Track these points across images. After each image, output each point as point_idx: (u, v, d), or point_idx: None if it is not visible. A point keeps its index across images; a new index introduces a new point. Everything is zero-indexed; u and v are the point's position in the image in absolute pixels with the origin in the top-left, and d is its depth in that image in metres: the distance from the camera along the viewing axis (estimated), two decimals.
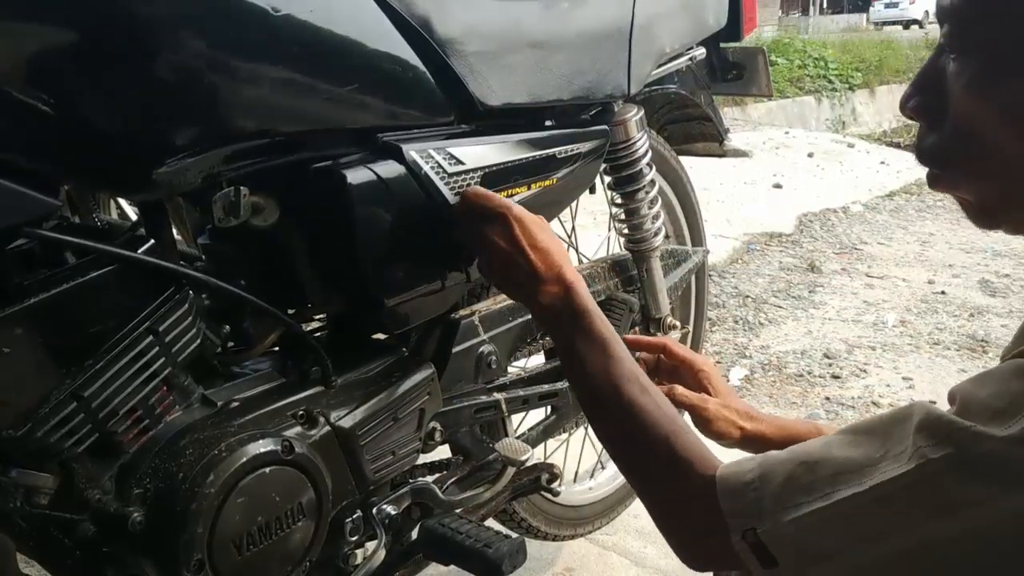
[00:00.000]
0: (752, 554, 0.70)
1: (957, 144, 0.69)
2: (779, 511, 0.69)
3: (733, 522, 0.71)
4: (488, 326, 1.28)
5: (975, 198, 0.71)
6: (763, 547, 0.69)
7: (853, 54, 10.56)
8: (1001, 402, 0.61)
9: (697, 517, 0.76)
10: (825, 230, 4.82)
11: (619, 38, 1.35)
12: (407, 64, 1.03)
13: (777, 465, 0.72)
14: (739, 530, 0.71)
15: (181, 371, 0.92)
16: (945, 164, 0.71)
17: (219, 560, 0.87)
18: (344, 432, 1.02)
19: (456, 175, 1.08)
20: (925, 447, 0.63)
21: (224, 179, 0.92)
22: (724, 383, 1.09)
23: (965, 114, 0.68)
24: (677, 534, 0.80)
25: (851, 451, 0.68)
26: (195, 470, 0.86)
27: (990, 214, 0.72)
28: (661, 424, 0.82)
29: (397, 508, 1.13)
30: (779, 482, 0.70)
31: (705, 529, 0.75)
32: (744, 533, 0.70)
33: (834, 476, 0.67)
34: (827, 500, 0.66)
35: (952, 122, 0.69)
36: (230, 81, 0.86)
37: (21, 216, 0.76)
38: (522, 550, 1.09)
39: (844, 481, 0.66)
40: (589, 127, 1.33)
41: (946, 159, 0.71)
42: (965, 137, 0.68)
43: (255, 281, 1.03)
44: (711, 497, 0.73)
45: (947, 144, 0.70)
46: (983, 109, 0.66)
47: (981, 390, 0.64)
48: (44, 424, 0.80)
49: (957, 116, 0.68)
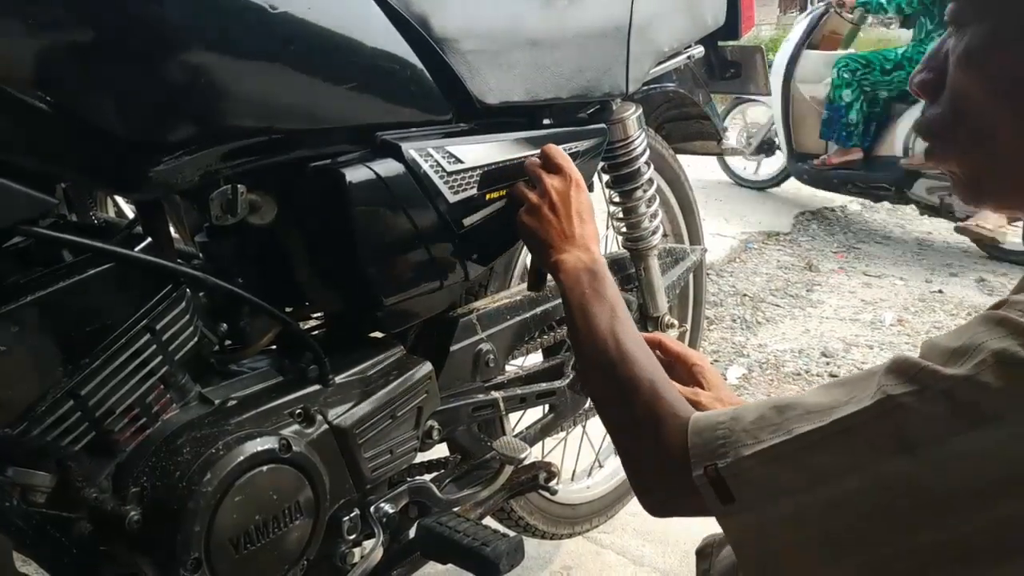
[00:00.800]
0: (712, 489, 0.71)
1: (948, 116, 0.71)
2: (741, 447, 0.70)
3: (697, 458, 0.72)
4: (486, 324, 1.28)
5: (962, 171, 0.73)
6: (723, 483, 0.70)
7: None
8: (958, 343, 0.62)
9: (665, 457, 0.78)
10: (823, 229, 4.82)
11: (617, 36, 1.35)
12: (405, 62, 1.03)
13: (750, 409, 0.73)
14: (701, 465, 0.72)
15: (178, 369, 0.92)
16: (937, 136, 0.73)
17: (216, 559, 0.87)
18: (342, 431, 1.02)
19: (455, 174, 1.08)
20: (887, 385, 0.64)
21: (221, 177, 0.92)
22: (718, 377, 1.11)
23: (956, 86, 0.70)
24: (643, 475, 0.83)
25: (822, 397, 0.69)
26: (192, 469, 0.86)
27: (975, 188, 0.73)
28: (646, 371, 0.87)
29: (395, 507, 1.13)
30: (748, 421, 0.71)
31: (669, 467, 0.76)
32: (706, 468, 0.71)
33: (800, 417, 0.68)
34: (789, 435, 0.67)
35: (946, 95, 0.71)
36: (227, 79, 0.85)
37: (17, 214, 0.76)
38: (520, 548, 1.09)
39: (809, 420, 0.67)
40: (587, 125, 1.33)
41: (938, 131, 0.73)
42: (956, 109, 0.70)
43: (253, 279, 1.03)
44: (682, 436, 0.75)
45: (940, 116, 0.72)
46: (971, 81, 0.68)
47: (945, 338, 0.65)
48: (41, 422, 0.80)
49: (950, 88, 0.70)
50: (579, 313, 0.98)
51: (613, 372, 0.89)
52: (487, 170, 1.12)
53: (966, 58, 0.68)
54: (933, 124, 0.73)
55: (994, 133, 0.68)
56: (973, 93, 0.68)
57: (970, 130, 0.70)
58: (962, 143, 0.71)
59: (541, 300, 1.37)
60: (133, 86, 0.80)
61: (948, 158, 0.74)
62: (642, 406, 0.84)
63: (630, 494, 1.89)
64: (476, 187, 1.11)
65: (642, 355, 0.90)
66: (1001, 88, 0.67)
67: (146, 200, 0.94)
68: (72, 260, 0.84)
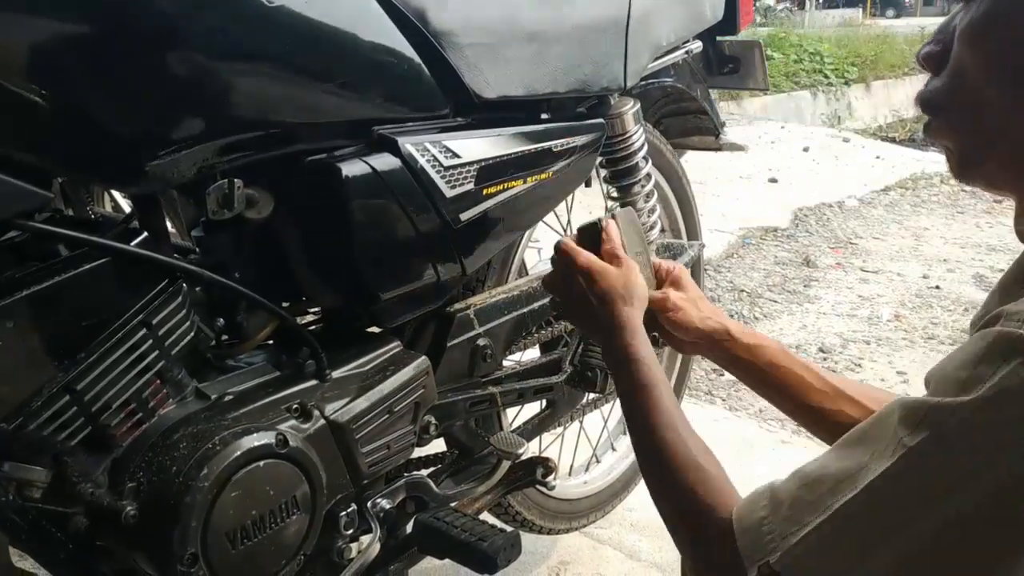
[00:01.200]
0: None
1: (947, 89, 0.71)
2: (787, 537, 0.68)
3: (749, 558, 0.71)
4: (483, 320, 1.27)
5: (955, 145, 0.73)
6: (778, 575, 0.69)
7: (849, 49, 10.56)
8: (964, 371, 0.62)
9: (718, 559, 0.76)
10: (820, 224, 4.82)
11: (615, 31, 1.34)
12: (403, 56, 1.03)
13: (783, 493, 0.72)
14: (754, 565, 0.71)
15: (175, 364, 0.92)
16: (935, 109, 0.73)
17: (213, 554, 0.86)
18: (339, 426, 1.02)
19: (452, 168, 1.08)
20: (904, 437, 0.63)
21: (218, 171, 0.91)
22: (695, 286, 1.13)
23: (957, 60, 0.70)
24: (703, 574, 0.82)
25: (844, 462, 0.68)
26: (189, 463, 0.86)
27: (967, 163, 0.73)
28: (689, 468, 0.84)
29: (392, 502, 1.13)
30: (786, 508, 0.70)
31: (725, 568, 0.75)
32: (760, 567, 0.70)
33: (832, 489, 0.67)
34: (827, 513, 0.66)
35: (948, 69, 0.71)
36: (224, 73, 0.85)
37: (13, 208, 0.76)
38: (516, 544, 1.09)
39: (841, 491, 0.66)
40: (585, 120, 1.32)
41: (935, 104, 0.73)
42: (953, 83, 0.70)
43: (249, 274, 1.03)
44: (730, 537, 0.74)
45: (939, 89, 0.72)
46: (969, 56, 0.68)
47: (949, 365, 0.64)
48: (37, 417, 0.79)
49: (952, 62, 0.70)
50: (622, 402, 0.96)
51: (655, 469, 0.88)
52: (484, 165, 1.12)
53: (967, 32, 0.68)
54: (932, 97, 0.73)
55: (986, 110, 0.68)
56: (970, 68, 0.68)
57: (964, 105, 0.70)
58: (956, 118, 0.71)
59: (539, 295, 1.37)
60: (129, 80, 0.79)
61: (943, 133, 0.74)
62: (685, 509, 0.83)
63: (627, 489, 1.89)
64: (473, 182, 1.11)
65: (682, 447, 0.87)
66: (996, 65, 0.67)
67: (143, 195, 0.94)
68: (68, 255, 0.83)
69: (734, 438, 2.39)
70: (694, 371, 2.59)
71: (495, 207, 1.15)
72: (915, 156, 6.66)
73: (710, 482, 0.82)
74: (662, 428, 0.89)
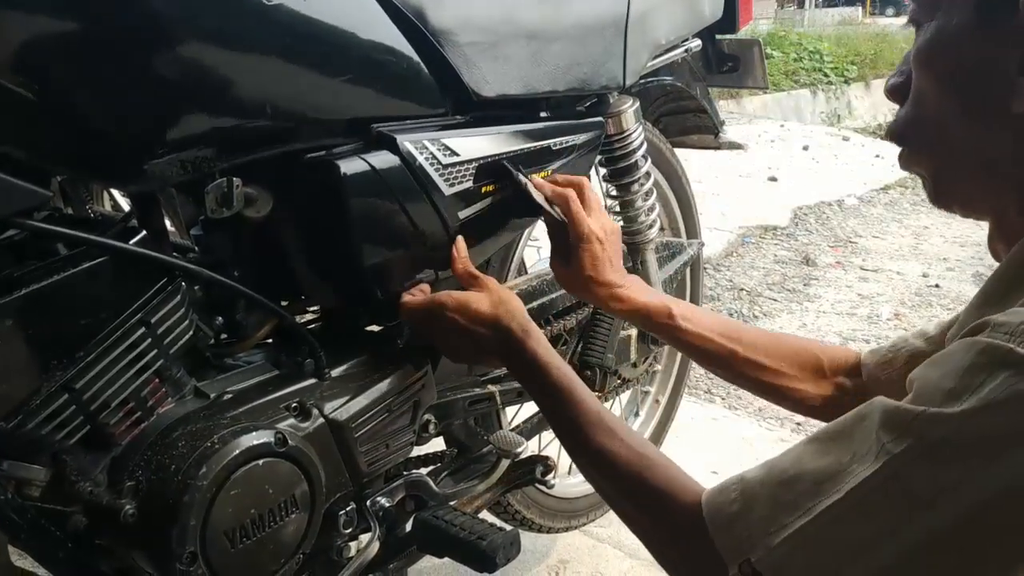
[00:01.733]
0: None
1: (911, 118, 0.71)
2: (768, 536, 0.68)
3: (728, 555, 0.71)
4: None
5: (927, 171, 0.73)
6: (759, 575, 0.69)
7: (848, 47, 10.56)
8: (951, 381, 0.61)
9: (692, 552, 0.75)
10: (820, 223, 4.82)
11: (615, 29, 1.34)
12: (401, 54, 1.03)
13: (757, 488, 0.71)
14: (735, 563, 0.70)
15: (173, 363, 0.92)
16: (903, 139, 0.74)
17: (212, 552, 0.86)
18: (338, 424, 1.02)
19: (451, 166, 1.08)
20: (888, 443, 0.62)
21: (217, 170, 0.91)
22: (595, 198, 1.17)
23: (916, 86, 0.70)
24: (676, 568, 0.80)
25: (822, 460, 0.67)
26: (188, 462, 0.86)
27: (939, 189, 0.74)
28: (632, 463, 0.83)
29: (391, 500, 1.13)
30: (763, 505, 0.70)
31: (702, 563, 0.74)
32: (740, 565, 0.70)
33: (813, 488, 0.66)
34: (810, 515, 0.65)
35: (910, 96, 0.71)
36: (222, 71, 0.85)
37: (11, 207, 0.75)
38: (516, 542, 1.09)
39: (823, 492, 0.65)
40: (584, 119, 1.32)
41: (903, 134, 0.73)
42: (916, 109, 0.71)
43: (248, 273, 1.03)
44: (701, 530, 0.73)
45: (905, 118, 0.72)
46: (924, 78, 0.69)
47: (934, 373, 0.64)
48: (35, 416, 0.79)
49: (912, 90, 0.71)
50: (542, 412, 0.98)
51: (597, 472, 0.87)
52: (483, 163, 1.12)
53: (918, 56, 0.69)
54: (899, 127, 0.73)
55: (947, 130, 0.68)
56: (927, 90, 0.69)
57: (928, 128, 0.70)
58: (924, 145, 0.72)
59: (538, 294, 1.37)
60: (128, 78, 0.79)
61: (915, 161, 0.74)
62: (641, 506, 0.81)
63: None
64: (472, 180, 1.11)
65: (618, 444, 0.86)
66: (949, 83, 0.67)
67: (141, 193, 0.93)
68: (67, 253, 0.83)
69: (733, 436, 2.40)
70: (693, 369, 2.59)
71: (494, 205, 1.15)
72: None
73: (658, 469, 0.81)
74: (595, 429, 0.87)
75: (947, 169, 0.71)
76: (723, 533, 0.72)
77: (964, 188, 0.72)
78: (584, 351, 1.42)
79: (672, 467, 0.82)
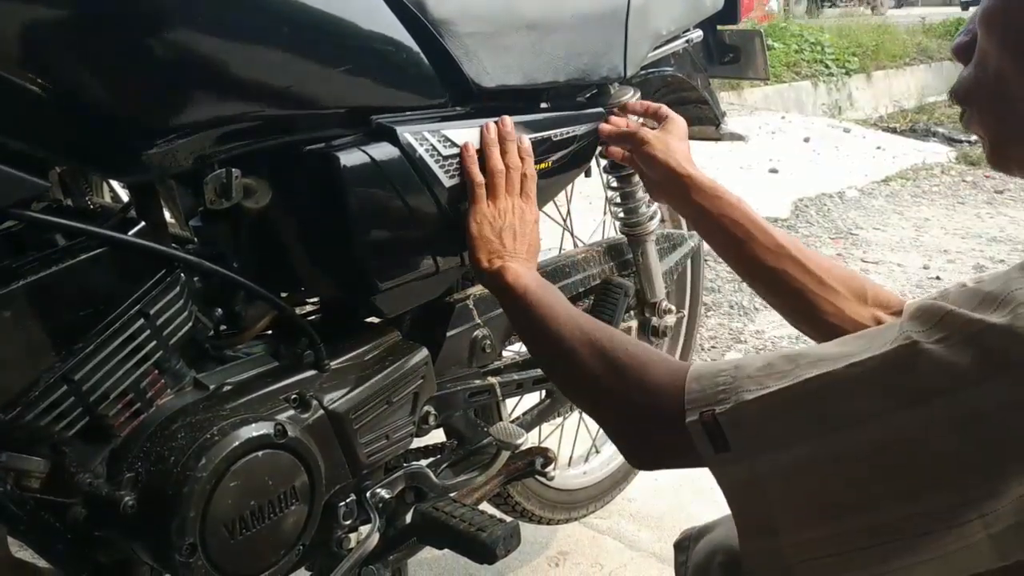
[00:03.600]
0: (706, 436, 0.67)
1: (973, 78, 0.70)
2: (742, 392, 0.66)
3: (693, 404, 0.68)
4: (482, 310, 1.27)
5: (987, 135, 0.72)
6: (719, 430, 0.66)
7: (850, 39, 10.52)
8: (992, 287, 0.60)
9: (656, 401, 0.73)
10: (821, 215, 4.81)
11: (615, 19, 1.34)
12: (401, 45, 1.02)
13: (758, 358, 0.69)
14: (697, 411, 0.68)
15: (173, 354, 0.91)
16: (964, 99, 0.72)
17: (211, 544, 0.86)
18: (337, 416, 1.02)
19: (451, 158, 1.07)
20: (911, 331, 0.60)
21: (215, 161, 0.91)
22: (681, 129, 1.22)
23: (980, 47, 0.69)
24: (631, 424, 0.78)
25: (838, 347, 0.65)
26: (187, 454, 0.86)
27: (999, 153, 0.72)
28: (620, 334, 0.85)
29: (391, 492, 1.13)
30: (754, 368, 0.68)
31: (661, 413, 0.72)
32: (702, 414, 0.67)
33: (812, 364, 0.64)
34: (795, 379, 0.63)
35: (975, 57, 0.70)
36: (222, 61, 0.85)
37: (9, 197, 0.75)
38: (516, 534, 1.09)
39: (819, 367, 0.63)
40: (585, 110, 1.32)
41: (965, 94, 0.72)
42: (980, 71, 0.69)
43: (247, 264, 1.03)
44: (677, 381, 0.71)
45: (967, 79, 0.71)
46: (989, 41, 0.67)
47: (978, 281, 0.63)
48: (34, 407, 0.79)
49: (977, 50, 0.69)
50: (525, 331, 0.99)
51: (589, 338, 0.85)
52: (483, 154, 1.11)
53: (984, 18, 0.67)
54: (961, 87, 0.72)
55: (1012, 94, 0.67)
56: (992, 52, 0.67)
57: (990, 92, 0.69)
58: (985, 107, 0.70)
59: None
60: (126, 67, 0.79)
61: (975, 122, 0.72)
62: (627, 355, 0.79)
63: (627, 480, 1.89)
64: None
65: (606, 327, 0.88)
66: (1013, 48, 0.66)
67: (140, 184, 0.93)
68: (65, 244, 0.83)
69: None
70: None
71: None
72: (916, 146, 6.64)
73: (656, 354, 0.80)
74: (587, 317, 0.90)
75: (1010, 135, 0.70)
76: (698, 382, 0.70)
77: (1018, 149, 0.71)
78: None
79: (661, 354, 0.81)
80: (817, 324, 1.03)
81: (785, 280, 1.04)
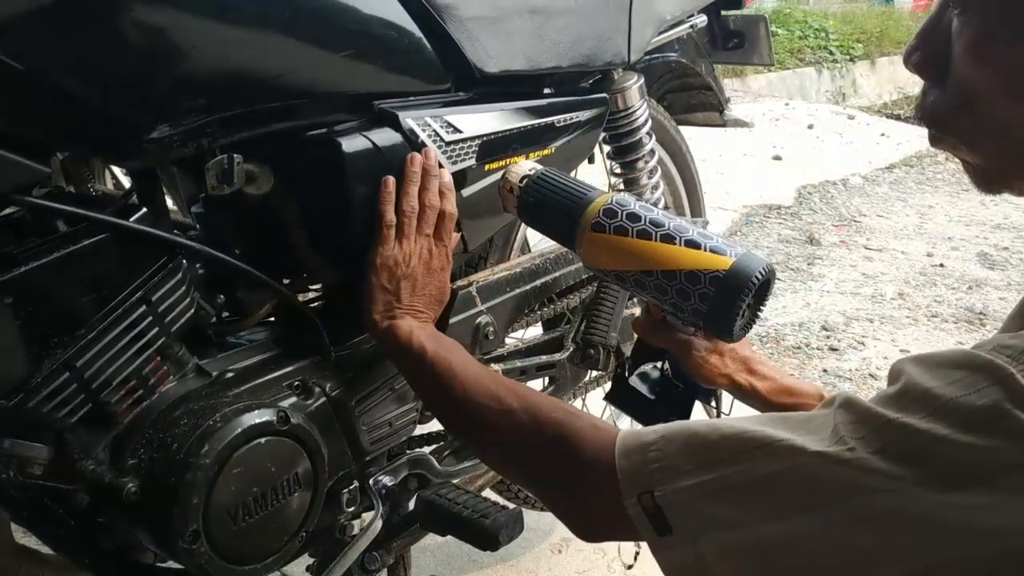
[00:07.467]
0: (647, 519, 0.66)
1: (958, 107, 0.66)
2: (680, 474, 0.64)
3: (629, 484, 0.67)
4: (485, 297, 1.27)
5: (974, 160, 0.69)
6: (660, 513, 0.65)
7: (854, 25, 10.46)
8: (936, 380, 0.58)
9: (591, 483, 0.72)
10: (824, 202, 4.80)
11: (619, 4, 1.33)
12: (404, 30, 1.02)
13: (681, 428, 0.68)
14: (634, 493, 0.67)
15: (175, 341, 0.91)
16: (946, 126, 0.68)
17: (214, 530, 0.86)
18: (340, 403, 1.02)
19: (453, 143, 1.07)
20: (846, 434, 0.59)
21: (217, 146, 0.90)
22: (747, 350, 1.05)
23: (966, 77, 0.64)
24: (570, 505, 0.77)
25: (766, 427, 0.64)
26: (190, 441, 0.85)
27: (991, 179, 0.69)
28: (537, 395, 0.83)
29: (394, 479, 1.13)
30: (682, 441, 0.66)
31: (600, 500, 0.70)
32: (640, 496, 0.66)
33: (743, 440, 0.63)
34: (736, 466, 0.62)
35: (953, 84, 0.66)
36: (223, 46, 0.84)
37: (10, 183, 0.75)
38: (519, 521, 1.09)
39: (754, 454, 0.62)
40: (588, 95, 1.31)
41: (946, 121, 0.68)
42: (966, 101, 0.65)
43: (250, 250, 1.02)
44: (607, 456, 0.70)
45: (948, 105, 0.67)
46: (984, 74, 0.63)
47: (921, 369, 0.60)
48: (36, 394, 0.79)
49: (958, 78, 0.65)
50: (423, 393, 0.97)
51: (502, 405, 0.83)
52: (486, 140, 1.11)
53: (975, 49, 0.63)
54: (938, 112, 0.68)
55: (1010, 126, 0.63)
56: (985, 86, 0.63)
57: (983, 123, 0.65)
58: (974, 136, 0.67)
59: (541, 272, 1.36)
60: (127, 52, 0.78)
61: (959, 149, 0.69)
62: (550, 423, 0.78)
63: None
64: (475, 157, 1.10)
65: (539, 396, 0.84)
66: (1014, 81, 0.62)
67: (141, 170, 0.93)
68: (67, 230, 0.83)
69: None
70: None
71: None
72: (920, 133, 6.57)
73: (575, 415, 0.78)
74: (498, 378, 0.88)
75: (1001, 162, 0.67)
76: (628, 459, 0.68)
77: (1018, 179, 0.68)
78: (588, 330, 1.41)
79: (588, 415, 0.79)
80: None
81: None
